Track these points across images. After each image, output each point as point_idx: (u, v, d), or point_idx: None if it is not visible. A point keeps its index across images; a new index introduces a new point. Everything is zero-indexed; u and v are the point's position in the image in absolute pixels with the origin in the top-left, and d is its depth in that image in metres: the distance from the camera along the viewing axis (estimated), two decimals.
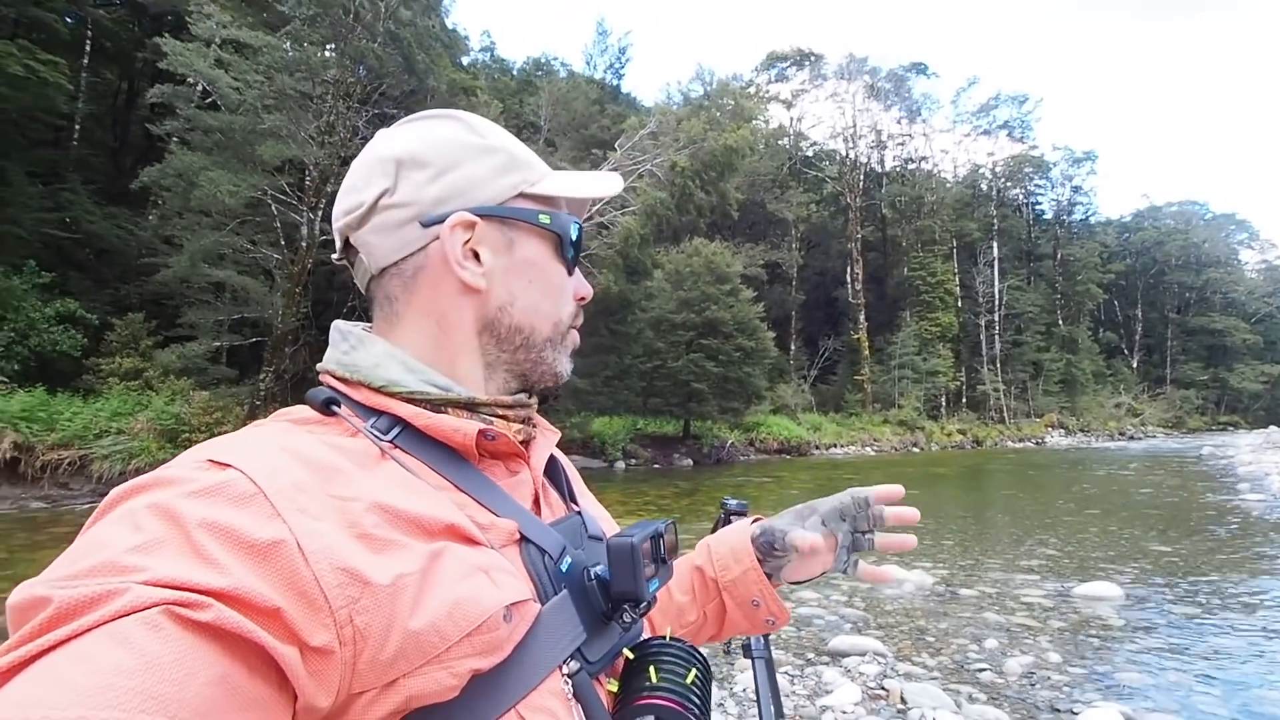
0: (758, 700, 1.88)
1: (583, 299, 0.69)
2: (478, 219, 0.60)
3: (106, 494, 0.46)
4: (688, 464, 20.16)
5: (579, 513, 0.67)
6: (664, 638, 0.61)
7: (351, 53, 15.95)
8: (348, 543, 0.44)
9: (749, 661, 1.92)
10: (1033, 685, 3.62)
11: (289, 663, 0.39)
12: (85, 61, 17.51)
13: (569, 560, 0.58)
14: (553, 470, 0.69)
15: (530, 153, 0.67)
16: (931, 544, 7.55)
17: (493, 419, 0.60)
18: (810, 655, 4.09)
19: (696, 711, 0.54)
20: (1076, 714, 3.24)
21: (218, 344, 14.95)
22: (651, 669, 0.56)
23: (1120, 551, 6.97)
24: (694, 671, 0.57)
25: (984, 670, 3.82)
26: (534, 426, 0.66)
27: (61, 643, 0.34)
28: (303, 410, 0.56)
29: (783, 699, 2.93)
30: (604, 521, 0.71)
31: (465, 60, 27.66)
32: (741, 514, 1.01)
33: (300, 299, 15.78)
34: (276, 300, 15.17)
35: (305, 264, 15.60)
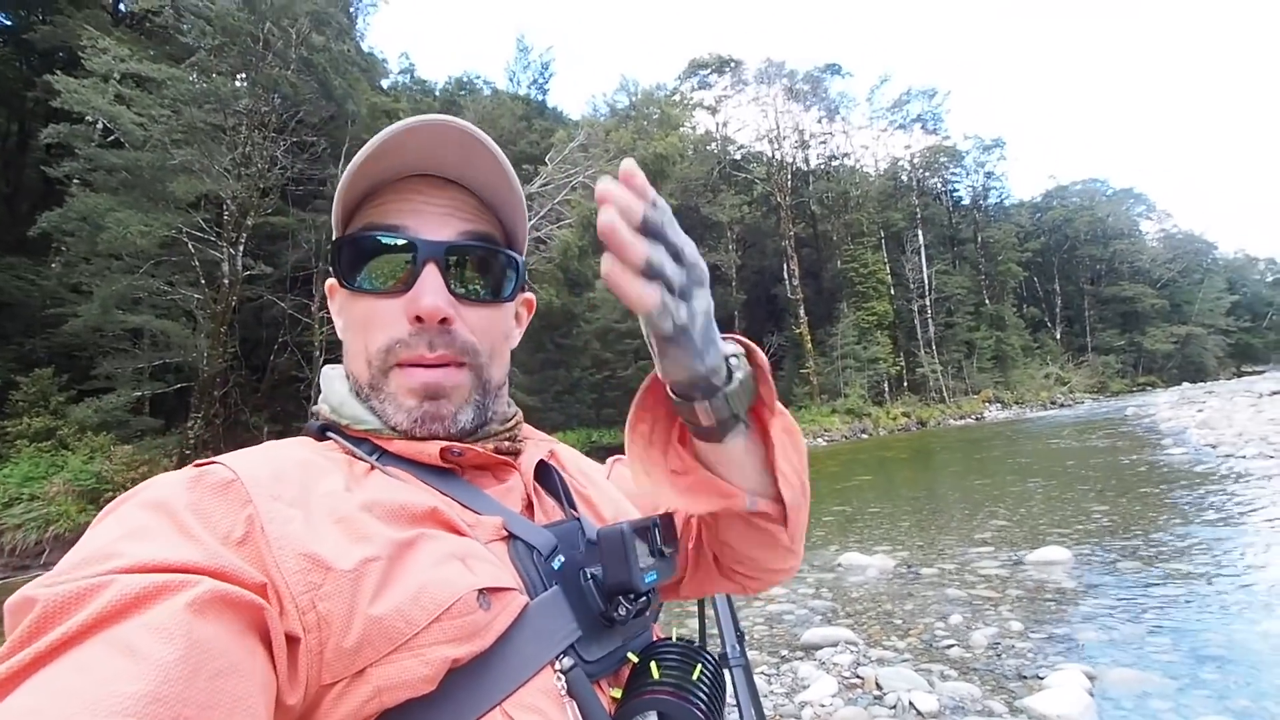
0: (738, 708, 1.84)
1: (417, 318, 0.55)
2: (332, 276, 0.63)
3: (21, 567, 0.40)
4: None
5: (577, 519, 0.64)
6: (669, 639, 0.59)
7: (264, 81, 15.40)
8: (321, 528, 0.45)
9: (726, 671, 1.88)
10: (999, 656, 3.70)
11: (278, 639, 0.39)
12: None
13: (561, 559, 0.56)
14: (548, 478, 0.67)
15: (351, 167, 0.58)
16: (890, 526, 7.70)
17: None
18: (784, 652, 4.07)
19: (702, 707, 0.52)
20: (1043, 678, 3.32)
21: (138, 394, 14.07)
22: (654, 665, 0.54)
23: (1064, 516, 7.26)
24: (699, 668, 0.55)
25: (952, 646, 3.88)
26: (519, 441, 0.66)
27: (59, 647, 0.33)
28: (299, 436, 0.61)
29: (762, 700, 2.92)
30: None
31: (385, 83, 27.11)
32: None
33: (226, 339, 15.06)
34: (200, 342, 14.43)
35: (229, 302, 14.90)
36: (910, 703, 3.16)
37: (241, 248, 15.19)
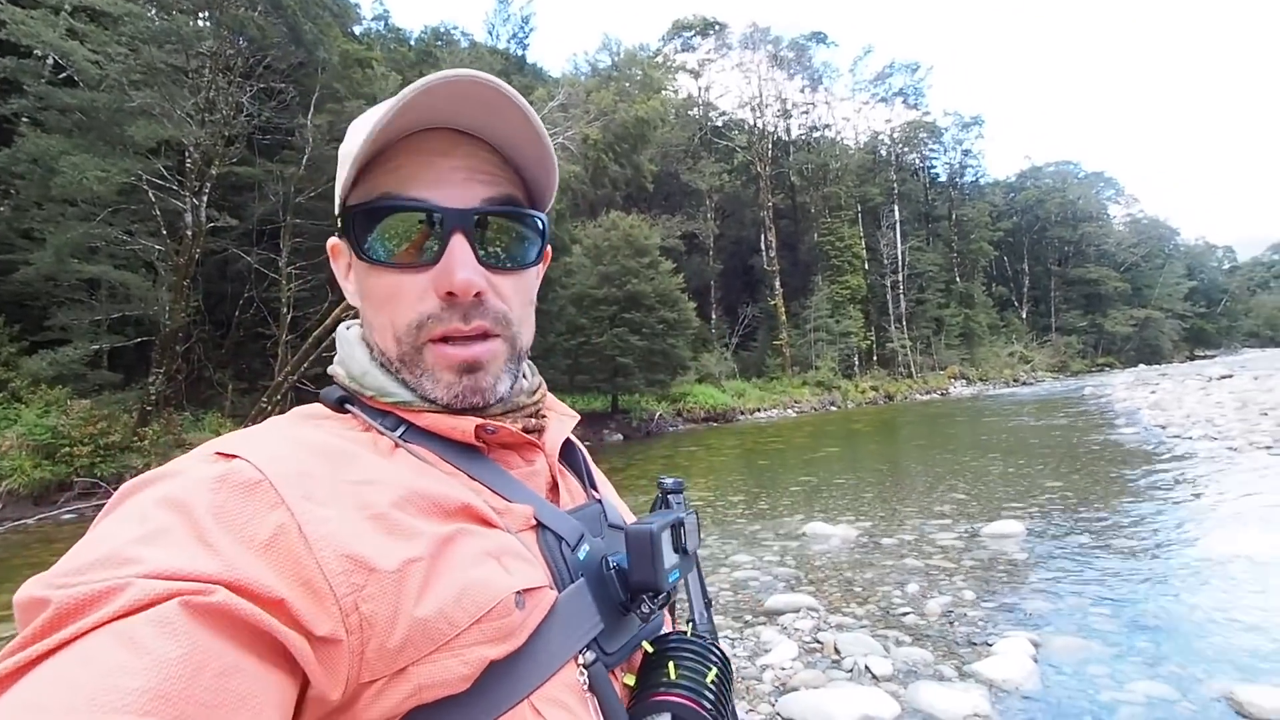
0: None
1: (449, 293, 0.53)
2: (339, 239, 0.60)
3: None
4: (618, 439, 20.25)
5: (599, 500, 0.64)
6: (684, 633, 0.59)
7: (229, 22, 14.62)
8: (358, 526, 0.44)
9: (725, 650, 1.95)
10: (951, 623, 3.88)
11: (299, 650, 0.38)
12: None
13: (586, 548, 0.56)
14: (571, 456, 0.67)
15: (362, 129, 0.54)
16: (853, 498, 7.93)
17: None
18: (748, 617, 4.21)
19: (714, 712, 0.53)
20: (991, 645, 3.50)
21: (96, 347, 13.56)
22: (671, 665, 0.54)
23: (1020, 491, 7.55)
24: (714, 670, 0.55)
25: (908, 614, 4.05)
26: (543, 416, 0.64)
27: (65, 644, 0.33)
28: (316, 407, 0.58)
29: None
30: (624, 510, 0.69)
31: (358, 30, 25.96)
32: (678, 491, 0.96)
33: (189, 292, 14.57)
34: (162, 295, 13.92)
35: (192, 254, 14.36)
36: (866, 667, 3.31)
37: (205, 198, 14.56)
